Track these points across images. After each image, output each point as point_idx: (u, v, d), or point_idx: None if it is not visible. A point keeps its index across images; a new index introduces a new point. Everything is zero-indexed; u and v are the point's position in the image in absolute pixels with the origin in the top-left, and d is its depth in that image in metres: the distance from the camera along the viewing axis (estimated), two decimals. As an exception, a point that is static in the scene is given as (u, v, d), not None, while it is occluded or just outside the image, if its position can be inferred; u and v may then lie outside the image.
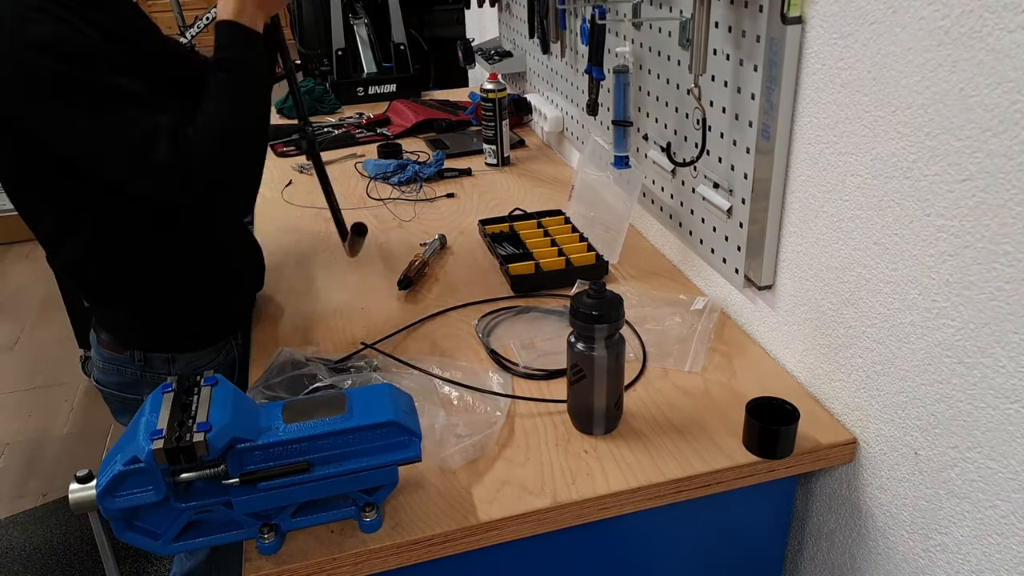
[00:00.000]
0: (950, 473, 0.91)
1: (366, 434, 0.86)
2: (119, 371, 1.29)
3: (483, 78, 2.02)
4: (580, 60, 1.83)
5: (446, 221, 1.73)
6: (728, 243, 1.27)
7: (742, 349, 1.24)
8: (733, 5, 1.14)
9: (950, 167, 0.84)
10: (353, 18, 2.75)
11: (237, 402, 0.86)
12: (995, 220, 0.79)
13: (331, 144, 2.21)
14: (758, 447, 1.01)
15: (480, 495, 0.96)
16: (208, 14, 3.66)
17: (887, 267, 0.95)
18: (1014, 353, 0.80)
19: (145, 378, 1.28)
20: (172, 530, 0.85)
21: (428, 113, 2.36)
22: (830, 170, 1.03)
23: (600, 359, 1.00)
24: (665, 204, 1.48)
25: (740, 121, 1.18)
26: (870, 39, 0.92)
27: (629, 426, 1.07)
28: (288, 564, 0.88)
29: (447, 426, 1.05)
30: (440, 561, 0.94)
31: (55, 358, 3.12)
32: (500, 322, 1.33)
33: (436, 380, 1.15)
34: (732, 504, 1.06)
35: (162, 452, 0.78)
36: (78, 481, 0.82)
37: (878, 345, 0.99)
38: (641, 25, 1.45)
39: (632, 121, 1.50)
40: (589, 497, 0.96)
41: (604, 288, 1.00)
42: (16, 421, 2.78)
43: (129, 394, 1.30)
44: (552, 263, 1.47)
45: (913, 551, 0.99)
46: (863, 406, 1.04)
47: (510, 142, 2.07)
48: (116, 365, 1.29)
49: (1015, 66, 0.74)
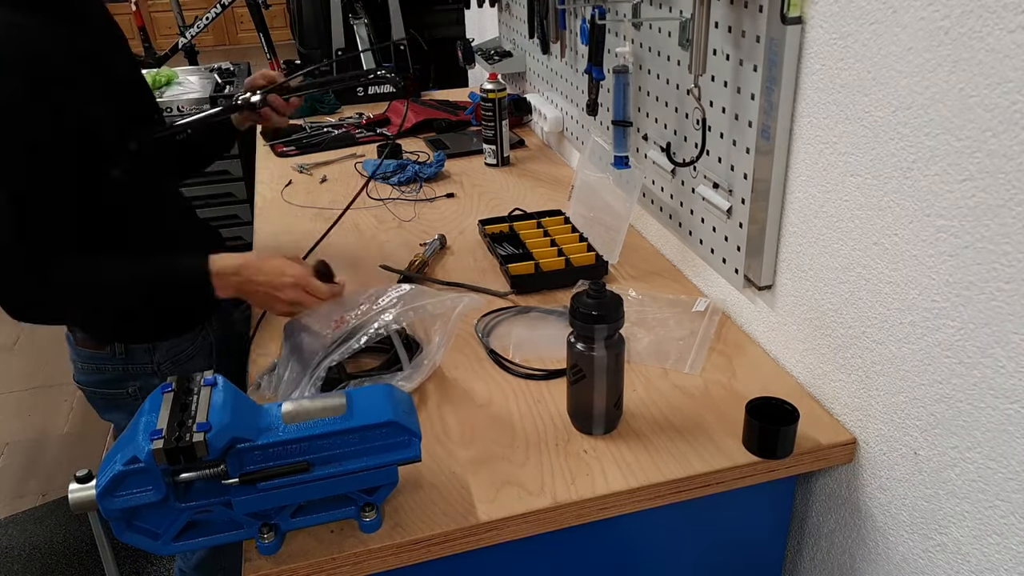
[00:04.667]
0: (950, 473, 0.91)
1: (366, 434, 0.86)
2: (99, 368, 1.28)
3: (483, 78, 2.02)
4: (580, 60, 1.83)
5: (446, 221, 1.73)
6: (728, 243, 1.27)
7: (742, 349, 1.24)
8: (733, 5, 1.14)
9: (950, 167, 0.84)
10: (353, 18, 2.75)
11: (237, 402, 0.86)
12: (995, 220, 0.79)
13: (331, 144, 2.21)
14: (758, 447, 1.01)
15: (480, 495, 0.96)
16: (208, 14, 3.67)
17: (887, 267, 0.95)
18: (1014, 353, 0.80)
19: (128, 370, 1.27)
20: (172, 530, 0.85)
21: (428, 113, 2.36)
22: (830, 170, 1.03)
23: (600, 359, 1.00)
24: (665, 204, 1.48)
25: (740, 121, 1.18)
26: (870, 39, 0.92)
27: (629, 426, 1.07)
28: (288, 564, 0.88)
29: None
30: (440, 561, 0.94)
31: (55, 358, 3.12)
32: (500, 322, 1.33)
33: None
34: (732, 504, 1.06)
35: (162, 452, 0.78)
36: (78, 481, 0.81)
37: (878, 345, 0.99)
38: (641, 25, 1.45)
39: (632, 121, 1.50)
40: (589, 497, 0.96)
41: (604, 288, 1.00)
42: (16, 421, 2.78)
43: (114, 389, 1.30)
44: (552, 263, 1.47)
45: (913, 551, 0.99)
46: (863, 406, 1.04)
47: (510, 142, 2.07)
48: (96, 363, 1.28)
49: (1015, 66, 0.74)
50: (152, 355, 1.28)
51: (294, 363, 1.15)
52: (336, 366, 1.14)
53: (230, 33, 7.84)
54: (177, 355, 1.32)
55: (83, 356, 1.29)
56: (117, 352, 1.26)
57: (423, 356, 1.18)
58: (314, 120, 2.43)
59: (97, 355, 1.27)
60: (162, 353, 1.29)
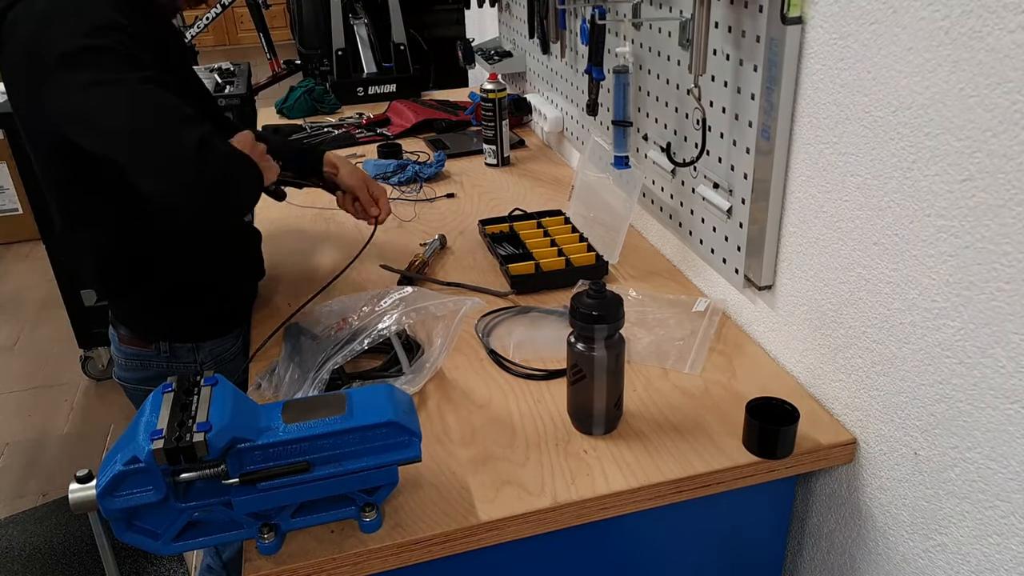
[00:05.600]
0: (950, 473, 0.91)
1: (366, 434, 0.86)
2: (143, 366, 1.30)
3: (483, 78, 2.02)
4: (580, 60, 1.83)
5: (446, 221, 1.73)
6: (728, 243, 1.27)
7: (742, 349, 1.24)
8: (733, 5, 1.14)
9: (950, 167, 0.84)
10: (353, 18, 2.75)
11: (237, 402, 0.86)
12: (995, 220, 0.79)
13: (331, 144, 2.21)
14: (758, 447, 1.01)
15: (480, 495, 0.96)
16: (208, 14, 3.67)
17: (887, 267, 0.95)
18: (1014, 353, 0.80)
19: (172, 368, 1.29)
20: (172, 530, 0.85)
21: (428, 113, 2.36)
22: (830, 170, 1.03)
23: (600, 359, 1.00)
24: (665, 204, 1.48)
25: (740, 121, 1.18)
26: (870, 39, 0.92)
27: (629, 426, 1.07)
28: (288, 564, 0.88)
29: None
30: (440, 561, 0.94)
31: (55, 358, 3.12)
32: (500, 322, 1.33)
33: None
34: (732, 504, 1.06)
35: (162, 452, 0.78)
36: (78, 481, 0.81)
37: (878, 345, 0.99)
38: (641, 25, 1.45)
39: (632, 121, 1.50)
40: (589, 497, 0.96)
41: (604, 288, 1.00)
42: (16, 421, 2.78)
43: (155, 387, 1.31)
44: (552, 263, 1.47)
45: (913, 551, 0.99)
46: (863, 406, 1.04)
47: (510, 142, 2.07)
48: (139, 360, 1.29)
49: (1015, 66, 0.74)
50: (196, 354, 1.30)
51: (295, 365, 1.15)
52: (337, 368, 1.14)
53: (230, 33, 7.84)
54: (220, 355, 1.33)
55: (127, 354, 1.30)
56: (162, 350, 1.28)
57: (425, 359, 1.18)
58: (314, 120, 2.43)
59: (143, 352, 1.29)
60: (205, 352, 1.31)
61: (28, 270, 3.82)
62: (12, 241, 4.02)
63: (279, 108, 2.51)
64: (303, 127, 2.35)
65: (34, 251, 3.94)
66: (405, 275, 1.45)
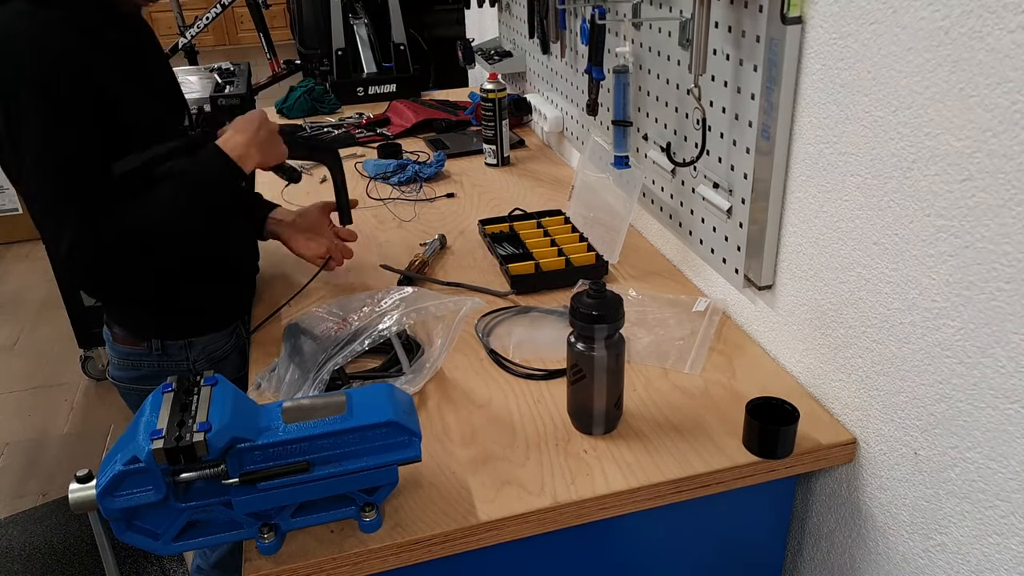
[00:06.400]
0: (950, 473, 0.91)
1: (366, 434, 0.86)
2: (135, 365, 1.29)
3: (483, 78, 2.02)
4: (580, 60, 1.83)
5: (446, 221, 1.73)
6: (728, 243, 1.27)
7: (742, 349, 1.24)
8: (733, 5, 1.14)
9: (950, 167, 0.84)
10: (353, 18, 2.75)
11: (237, 402, 0.86)
12: (995, 220, 0.79)
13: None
14: (758, 447, 1.01)
15: (480, 495, 0.96)
16: (208, 14, 3.67)
17: (887, 267, 0.95)
18: (1014, 353, 0.80)
19: (164, 367, 1.28)
20: (172, 530, 0.85)
21: (428, 113, 2.36)
22: (830, 170, 1.03)
23: (600, 359, 1.00)
24: (665, 204, 1.48)
25: (740, 121, 1.18)
26: (870, 39, 0.92)
27: (629, 426, 1.07)
28: (288, 564, 0.88)
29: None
30: (440, 561, 0.94)
31: (55, 358, 3.12)
32: (500, 322, 1.33)
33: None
34: (732, 504, 1.06)
35: (162, 452, 0.78)
36: (78, 481, 0.81)
37: (878, 345, 0.99)
38: (641, 25, 1.45)
39: (632, 121, 1.50)
40: (589, 497, 0.96)
41: (604, 288, 1.00)
42: (16, 421, 2.78)
43: (149, 386, 1.30)
44: (552, 263, 1.47)
45: (913, 551, 0.99)
46: (863, 406, 1.04)
47: (510, 142, 2.07)
48: (132, 359, 1.29)
49: (1015, 66, 0.74)
50: (188, 352, 1.30)
51: (295, 365, 1.15)
52: (337, 369, 1.14)
53: (230, 33, 7.84)
54: (212, 353, 1.33)
55: (120, 353, 1.30)
56: (154, 349, 1.28)
57: (425, 359, 1.18)
58: (314, 120, 2.43)
59: (134, 352, 1.29)
60: (197, 351, 1.30)
61: (28, 270, 3.82)
62: (12, 241, 4.02)
63: (279, 108, 2.51)
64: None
65: (34, 251, 3.94)
66: (405, 275, 1.45)
